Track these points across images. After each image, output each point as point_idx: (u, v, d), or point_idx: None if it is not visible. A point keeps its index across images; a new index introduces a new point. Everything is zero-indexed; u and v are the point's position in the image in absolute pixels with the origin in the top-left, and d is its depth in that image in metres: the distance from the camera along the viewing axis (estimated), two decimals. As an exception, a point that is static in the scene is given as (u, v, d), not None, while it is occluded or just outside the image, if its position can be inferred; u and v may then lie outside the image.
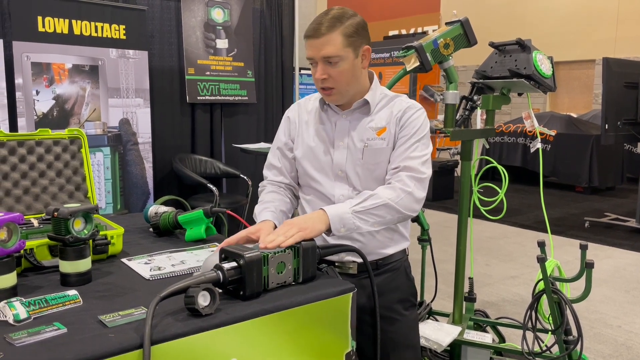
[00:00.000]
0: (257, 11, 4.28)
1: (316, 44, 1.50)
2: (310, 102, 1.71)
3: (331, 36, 1.48)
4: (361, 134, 1.60)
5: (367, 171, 1.60)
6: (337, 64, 1.51)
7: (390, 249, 1.68)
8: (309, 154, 1.64)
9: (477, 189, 2.88)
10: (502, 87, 2.70)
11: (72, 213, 1.26)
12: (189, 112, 3.99)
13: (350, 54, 1.52)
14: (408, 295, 1.76)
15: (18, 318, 1.05)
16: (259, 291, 1.20)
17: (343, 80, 1.54)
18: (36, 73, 3.18)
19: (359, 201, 1.47)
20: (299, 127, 1.68)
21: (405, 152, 1.56)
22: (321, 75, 1.52)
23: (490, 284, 4.27)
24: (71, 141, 1.70)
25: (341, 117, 1.62)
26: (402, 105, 1.63)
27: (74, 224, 1.27)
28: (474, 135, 2.60)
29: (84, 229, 1.29)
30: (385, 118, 1.62)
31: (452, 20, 2.41)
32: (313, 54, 1.52)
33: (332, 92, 1.56)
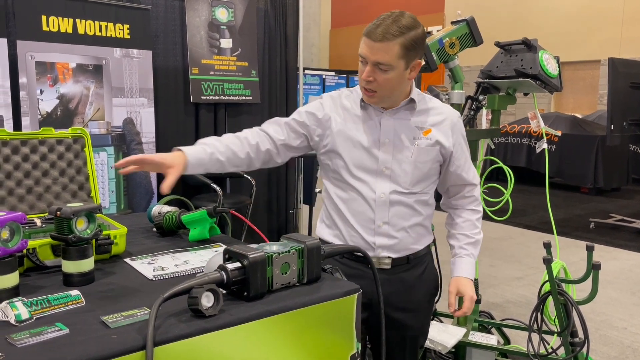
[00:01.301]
0: (261, 11, 4.27)
1: (373, 46, 1.50)
2: (343, 99, 1.71)
3: (390, 44, 1.49)
4: (408, 132, 1.64)
5: (415, 169, 1.64)
6: (386, 71, 1.52)
7: (419, 244, 1.73)
8: (351, 151, 1.64)
9: (482, 189, 2.86)
10: (507, 87, 2.68)
11: (75, 212, 1.25)
12: (193, 112, 3.98)
13: (402, 65, 1.53)
14: (432, 288, 1.83)
15: (20, 318, 1.04)
16: (263, 292, 1.19)
17: (387, 87, 1.56)
18: (40, 72, 3.18)
19: (477, 251, 1.77)
20: (333, 122, 1.67)
21: (471, 166, 1.75)
22: (367, 77, 1.54)
23: (495, 285, 4.25)
24: (74, 140, 1.69)
25: (385, 115, 1.64)
26: (448, 111, 1.71)
27: (77, 224, 1.26)
28: (479, 136, 2.58)
29: (86, 229, 1.28)
30: (429, 119, 1.67)
31: (457, 19, 2.40)
32: (366, 55, 1.52)
33: (374, 95, 1.59)
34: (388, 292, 1.61)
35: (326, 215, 1.76)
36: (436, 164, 1.69)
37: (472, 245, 1.76)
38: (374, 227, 1.65)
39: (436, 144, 1.65)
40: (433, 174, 1.70)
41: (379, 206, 1.64)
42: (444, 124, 1.67)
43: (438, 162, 1.69)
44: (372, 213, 1.64)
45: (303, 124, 1.68)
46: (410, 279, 1.71)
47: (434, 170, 1.69)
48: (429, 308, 1.84)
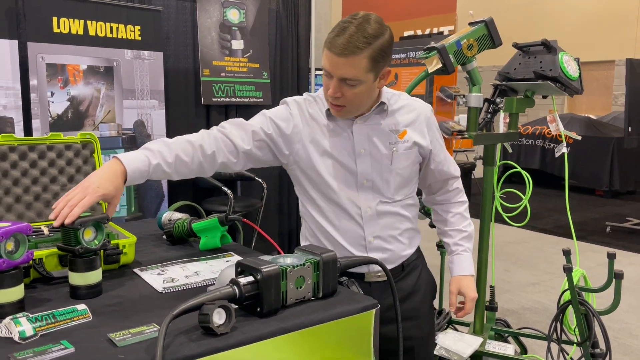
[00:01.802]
0: (272, 11, 4.22)
1: (337, 61, 1.36)
2: (309, 107, 1.55)
3: (356, 59, 1.35)
4: (383, 138, 1.53)
5: (397, 176, 1.55)
6: (354, 86, 1.40)
7: (412, 247, 1.66)
8: (327, 165, 1.52)
9: (499, 194, 2.79)
10: (526, 89, 2.60)
11: (83, 223, 1.20)
12: (204, 114, 3.94)
13: (371, 77, 1.41)
14: (430, 290, 1.75)
15: (24, 335, 1.00)
16: (277, 307, 1.14)
17: (356, 102, 1.45)
18: (51, 74, 3.15)
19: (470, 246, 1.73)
20: (304, 134, 1.53)
21: (447, 157, 1.67)
22: (334, 94, 1.41)
23: (510, 291, 4.17)
24: (83, 145, 1.65)
25: (356, 123, 1.52)
26: (420, 106, 1.61)
27: (84, 234, 1.22)
28: (497, 140, 2.51)
29: (94, 239, 1.23)
30: (402, 119, 1.55)
31: (475, 20, 2.33)
32: (331, 70, 1.38)
33: (341, 110, 1.46)
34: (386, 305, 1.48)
35: (309, 232, 1.64)
36: (416, 166, 1.60)
37: (467, 239, 1.73)
38: (364, 243, 1.56)
39: (414, 145, 1.55)
40: (414, 176, 1.62)
41: (367, 221, 1.54)
42: (418, 122, 1.57)
43: (418, 163, 1.61)
44: (361, 229, 1.54)
45: (271, 137, 1.52)
46: (407, 287, 1.63)
47: (414, 172, 1.61)
48: (430, 313, 1.77)
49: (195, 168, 1.43)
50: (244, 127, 1.51)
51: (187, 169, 1.41)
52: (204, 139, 1.44)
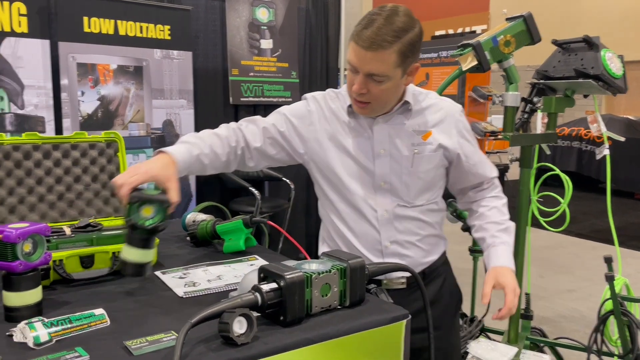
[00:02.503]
0: (302, 10, 4.17)
1: (364, 56, 1.28)
2: (330, 102, 1.50)
3: (385, 53, 1.28)
4: (406, 139, 1.44)
5: (417, 179, 1.45)
6: (381, 82, 1.32)
7: (433, 255, 1.56)
8: (345, 164, 1.46)
9: (536, 198, 2.67)
10: (565, 88, 2.49)
11: (137, 197, 1.15)
12: (232, 114, 3.91)
13: (399, 73, 1.33)
14: (455, 300, 1.66)
15: (38, 341, 0.96)
16: (301, 316, 1.08)
17: (382, 99, 1.37)
18: (81, 74, 3.17)
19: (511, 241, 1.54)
20: (321, 131, 1.47)
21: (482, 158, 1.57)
22: (359, 90, 1.33)
23: (545, 298, 4.02)
24: (108, 144, 1.62)
25: (378, 122, 1.45)
26: (450, 106, 1.51)
27: (143, 212, 1.16)
28: (535, 141, 2.40)
29: (150, 219, 1.16)
30: (427, 120, 1.46)
31: (512, 16, 2.23)
32: (357, 64, 1.31)
33: (366, 107, 1.39)
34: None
35: (327, 235, 1.58)
36: (440, 170, 1.50)
37: (505, 232, 1.53)
38: (381, 248, 1.48)
39: (439, 148, 1.45)
40: (439, 180, 1.51)
41: (383, 225, 1.46)
42: (445, 122, 1.47)
43: (443, 167, 1.50)
44: (377, 233, 1.47)
45: (283, 135, 1.48)
46: (430, 294, 1.51)
47: (439, 176, 1.50)
48: (454, 324, 1.67)
49: (225, 161, 1.42)
50: (256, 123, 1.49)
51: (219, 162, 1.41)
52: (227, 132, 1.44)
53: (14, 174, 1.47)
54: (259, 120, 1.50)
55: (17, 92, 2.96)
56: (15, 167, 1.47)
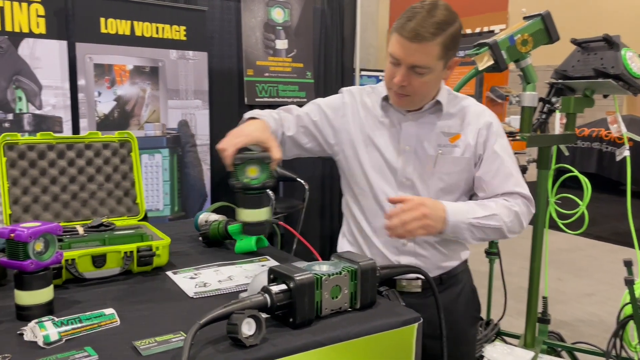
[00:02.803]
0: (317, 11, 4.16)
1: (409, 47, 1.29)
2: (365, 98, 1.52)
3: (429, 45, 1.29)
4: (432, 139, 1.43)
5: (439, 181, 1.43)
6: (423, 74, 1.32)
7: (453, 260, 1.53)
8: (371, 156, 1.46)
9: (554, 200, 2.63)
10: (585, 88, 2.44)
11: (242, 159, 1.19)
12: (247, 114, 3.91)
13: (440, 66, 1.34)
14: (473, 310, 1.62)
15: (48, 340, 0.96)
16: (311, 318, 1.06)
17: (422, 92, 1.37)
18: (98, 74, 3.20)
19: (480, 215, 1.36)
20: (354, 123, 1.49)
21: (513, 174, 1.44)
22: (401, 82, 1.33)
23: (563, 302, 3.96)
24: (121, 144, 1.63)
25: (407, 119, 1.45)
26: (482, 112, 1.46)
27: (249, 172, 1.19)
28: (552, 142, 2.36)
29: (257, 178, 1.19)
30: (459, 123, 1.44)
31: (530, 14, 2.19)
32: (401, 56, 1.31)
33: (405, 99, 1.39)
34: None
35: (347, 230, 1.58)
36: (465, 175, 1.45)
37: (477, 204, 1.38)
38: (397, 245, 1.47)
39: (466, 151, 1.43)
40: (463, 184, 1.46)
41: None
42: (475, 128, 1.44)
43: (469, 172, 1.46)
44: None
45: (316, 124, 1.50)
46: (445, 302, 1.45)
47: (462, 181, 1.45)
48: (470, 333, 1.62)
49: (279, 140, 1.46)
50: (291, 111, 1.53)
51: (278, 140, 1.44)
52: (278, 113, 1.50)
53: (28, 173, 1.48)
54: (293, 109, 1.53)
55: (35, 93, 2.99)
56: (29, 167, 1.48)
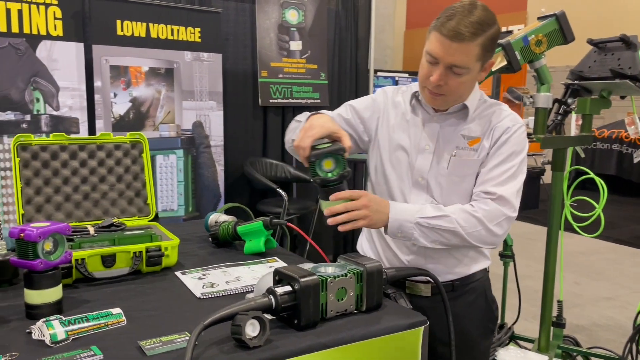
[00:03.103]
0: (332, 12, 4.16)
1: (449, 47, 1.28)
2: (398, 97, 1.52)
3: (470, 45, 1.28)
4: (451, 140, 1.42)
5: (452, 183, 1.41)
6: (460, 75, 1.31)
7: (468, 268, 1.49)
8: (391, 152, 1.47)
9: (569, 202, 2.59)
10: (601, 89, 2.40)
11: (316, 155, 1.23)
12: (261, 115, 3.93)
13: (478, 67, 1.33)
14: (487, 321, 1.57)
15: (55, 339, 0.98)
16: (316, 320, 1.06)
17: (458, 92, 1.36)
18: (114, 76, 3.24)
19: (429, 214, 1.33)
20: (382, 119, 1.50)
21: (502, 175, 1.38)
22: (438, 81, 1.32)
23: (580, 305, 3.89)
24: (132, 145, 1.65)
25: (432, 120, 1.45)
26: (504, 118, 1.43)
27: (324, 165, 1.24)
28: (568, 143, 2.32)
29: (332, 171, 1.25)
30: (481, 127, 1.42)
31: (544, 14, 2.16)
32: (440, 55, 1.29)
33: (439, 99, 1.38)
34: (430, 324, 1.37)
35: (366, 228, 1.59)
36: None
37: (432, 206, 1.36)
38: (408, 243, 1.45)
39: (481, 153, 1.40)
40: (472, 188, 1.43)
41: None
42: (496, 132, 1.41)
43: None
44: None
45: (349, 122, 1.52)
46: (456, 309, 1.44)
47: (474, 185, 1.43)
48: (483, 345, 1.57)
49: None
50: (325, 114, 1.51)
51: None
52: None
53: (41, 173, 1.50)
54: (326, 112, 1.51)
55: (52, 94, 3.04)
56: (42, 167, 1.51)
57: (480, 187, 1.39)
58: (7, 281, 1.27)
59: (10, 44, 2.88)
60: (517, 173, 1.39)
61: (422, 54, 1.37)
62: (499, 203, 1.35)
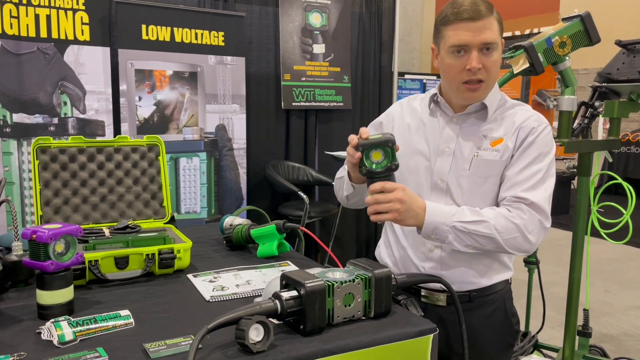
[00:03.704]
0: (355, 14, 4.15)
1: (476, 27, 1.29)
2: (415, 102, 1.52)
3: (490, 20, 1.31)
4: (472, 141, 1.39)
5: (474, 185, 1.38)
6: (491, 53, 1.32)
7: (487, 279, 1.44)
8: (408, 157, 1.44)
9: (596, 208, 2.52)
10: (630, 91, 2.33)
11: (363, 145, 1.25)
12: (284, 118, 3.94)
13: (500, 44, 1.35)
14: (505, 336, 1.50)
15: (63, 340, 0.99)
16: (322, 326, 1.05)
17: (494, 73, 1.36)
18: (139, 80, 3.29)
19: (467, 219, 1.29)
20: (399, 127, 1.49)
21: (531, 179, 1.34)
22: (477, 64, 1.31)
23: (610, 314, 3.78)
24: (149, 148, 1.66)
25: (451, 121, 1.43)
26: (528, 118, 1.39)
27: (373, 156, 1.25)
28: (593, 147, 2.26)
29: (381, 162, 1.25)
30: (503, 128, 1.39)
31: (569, 15, 2.11)
32: (469, 39, 1.30)
33: (480, 87, 1.35)
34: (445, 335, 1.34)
35: (384, 232, 1.57)
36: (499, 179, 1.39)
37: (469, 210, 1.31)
38: (424, 250, 1.42)
39: (504, 154, 1.37)
40: (497, 190, 1.39)
41: None
42: (519, 133, 1.37)
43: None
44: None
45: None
46: (472, 321, 1.40)
47: (498, 185, 1.39)
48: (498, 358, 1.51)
49: None
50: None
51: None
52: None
53: (59, 176, 1.53)
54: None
55: (79, 98, 3.11)
56: (61, 170, 1.54)
57: (509, 191, 1.35)
58: (23, 281, 1.29)
59: (39, 49, 2.96)
60: (546, 176, 1.35)
61: (443, 56, 1.36)
62: (534, 210, 1.32)
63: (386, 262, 1.52)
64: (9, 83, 2.91)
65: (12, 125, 2.93)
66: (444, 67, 1.38)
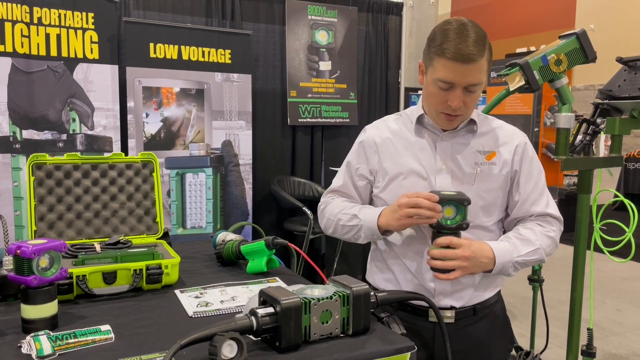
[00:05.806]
0: (362, 32, 4.19)
1: (465, 70, 1.30)
2: (391, 123, 1.52)
3: (481, 63, 1.31)
4: (469, 157, 1.43)
5: (478, 199, 1.41)
6: (474, 92, 1.35)
7: (489, 291, 1.48)
8: (400, 179, 1.45)
9: (598, 226, 2.48)
10: (631, 108, 2.31)
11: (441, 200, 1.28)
12: (290, 135, 3.97)
13: (486, 79, 1.37)
14: (507, 342, 1.56)
15: (41, 354, 1.01)
16: (298, 343, 1.05)
17: (472, 106, 1.39)
18: (146, 97, 3.35)
19: (524, 252, 1.38)
20: (386, 150, 1.48)
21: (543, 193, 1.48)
22: (459, 104, 1.33)
23: (621, 334, 3.70)
24: (143, 165, 1.70)
25: (443, 139, 1.44)
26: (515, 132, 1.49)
27: (445, 212, 1.29)
28: (592, 165, 2.23)
29: (453, 218, 1.30)
30: (492, 142, 1.45)
31: (565, 33, 2.11)
32: (456, 80, 1.31)
33: (457, 118, 1.40)
34: (452, 351, 1.34)
35: (376, 256, 1.55)
36: (502, 192, 1.45)
37: (520, 240, 1.39)
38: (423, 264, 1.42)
39: (503, 168, 1.43)
40: (499, 203, 1.45)
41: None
42: (510, 145, 1.46)
43: (505, 190, 1.45)
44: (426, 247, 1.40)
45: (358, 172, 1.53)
46: (478, 334, 1.44)
47: (500, 199, 1.45)
48: None
49: None
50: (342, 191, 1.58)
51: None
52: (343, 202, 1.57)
53: (54, 191, 1.57)
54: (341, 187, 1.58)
55: (87, 114, 3.17)
56: (56, 186, 1.57)
57: (535, 207, 1.45)
58: (12, 295, 1.32)
59: (49, 67, 3.04)
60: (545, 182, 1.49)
61: (428, 81, 1.37)
62: (558, 221, 1.47)
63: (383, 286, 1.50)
64: (20, 100, 2.98)
65: (22, 141, 3.00)
66: (427, 92, 1.39)
